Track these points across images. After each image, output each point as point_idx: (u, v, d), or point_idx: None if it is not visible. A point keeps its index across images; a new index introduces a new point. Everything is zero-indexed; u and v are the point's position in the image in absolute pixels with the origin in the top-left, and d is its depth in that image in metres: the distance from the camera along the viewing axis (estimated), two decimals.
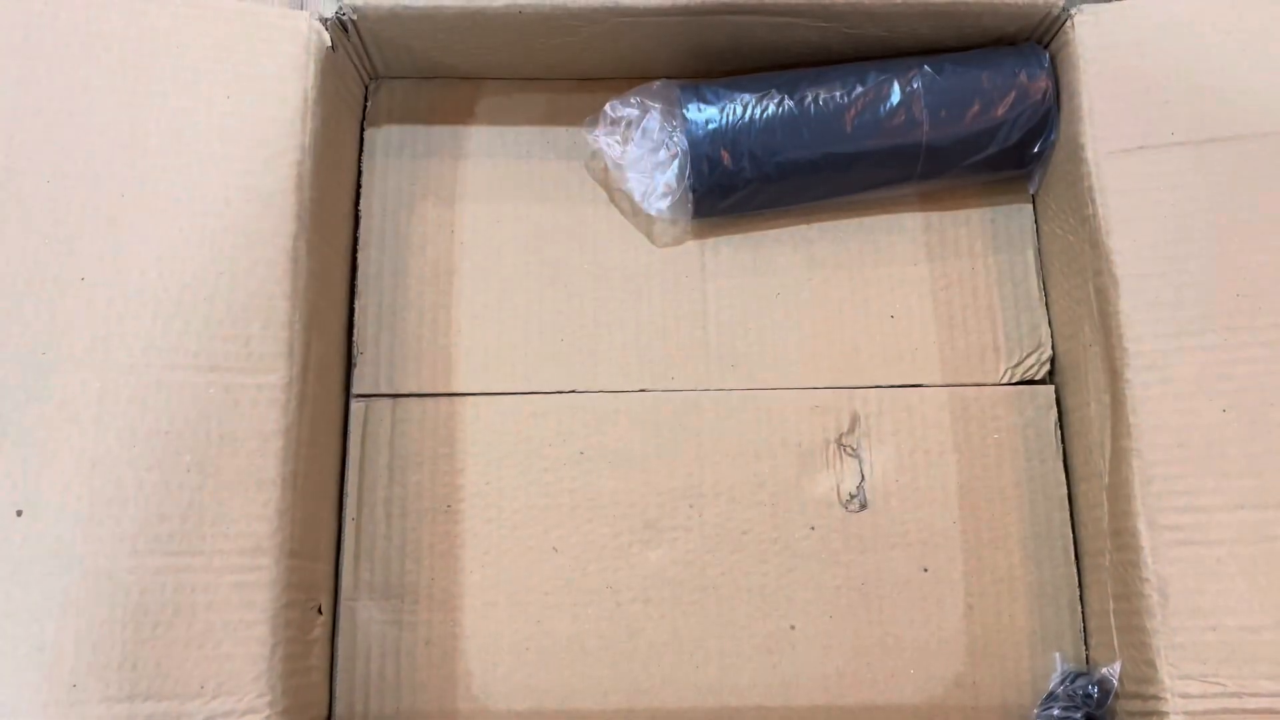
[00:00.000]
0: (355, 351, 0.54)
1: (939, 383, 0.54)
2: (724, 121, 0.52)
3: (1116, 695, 0.47)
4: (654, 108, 0.53)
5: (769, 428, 0.53)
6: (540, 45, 0.55)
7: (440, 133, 0.57)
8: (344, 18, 0.51)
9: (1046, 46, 0.54)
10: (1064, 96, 0.53)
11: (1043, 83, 0.53)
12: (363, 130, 0.57)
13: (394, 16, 0.52)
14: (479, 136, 0.58)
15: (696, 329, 0.55)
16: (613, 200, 0.57)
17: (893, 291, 0.56)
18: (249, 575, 0.43)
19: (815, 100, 0.52)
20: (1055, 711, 0.48)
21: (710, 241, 0.56)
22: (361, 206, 0.56)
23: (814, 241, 0.56)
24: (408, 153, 0.57)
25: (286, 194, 0.47)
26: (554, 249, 0.56)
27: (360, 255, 0.55)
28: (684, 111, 0.52)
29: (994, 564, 0.52)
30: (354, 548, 0.52)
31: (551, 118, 0.58)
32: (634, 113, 0.53)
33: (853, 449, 0.53)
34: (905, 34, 0.54)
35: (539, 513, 0.52)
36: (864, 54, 0.55)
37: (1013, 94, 0.52)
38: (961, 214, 0.57)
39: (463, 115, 0.58)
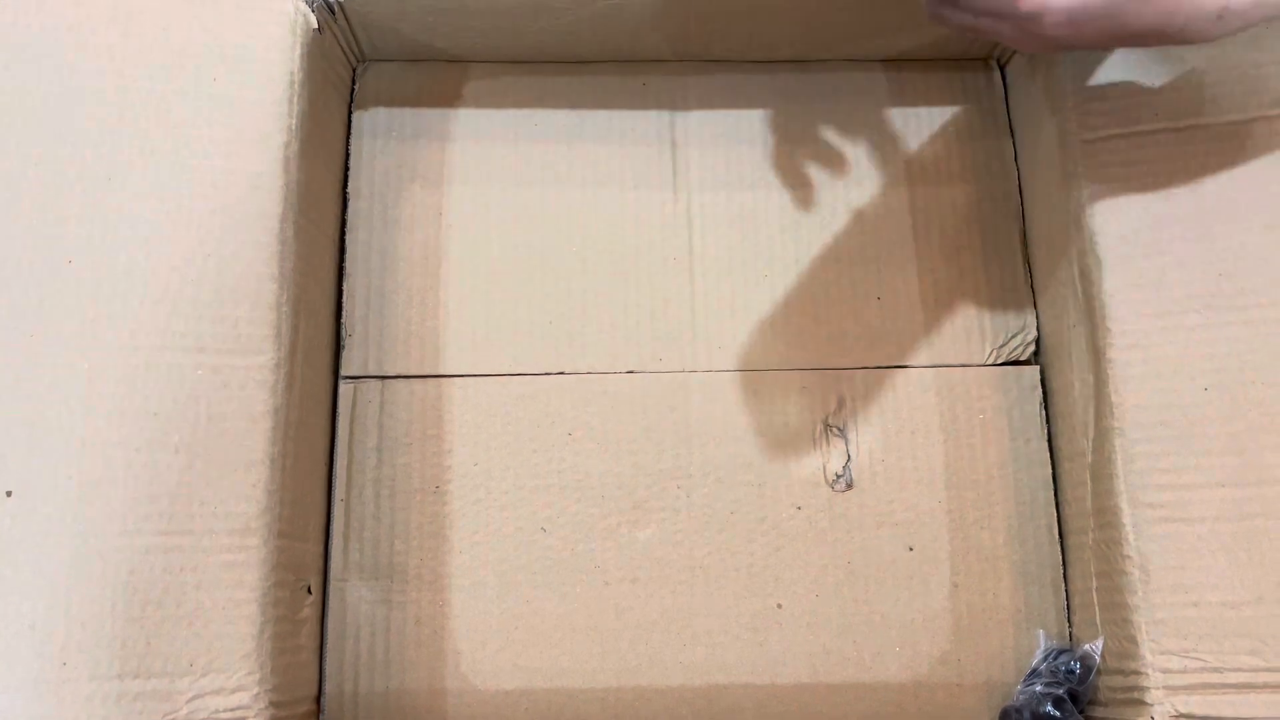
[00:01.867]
0: (343, 333, 0.54)
1: (925, 364, 0.55)
2: None
3: (1099, 671, 0.48)
4: None
5: (756, 409, 0.54)
6: (528, 28, 0.55)
7: (428, 115, 0.57)
8: (330, 0, 0.51)
9: None
10: (1049, 81, 0.53)
11: None
12: (350, 113, 0.57)
13: None
14: (466, 119, 0.58)
15: (684, 311, 0.55)
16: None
17: (879, 274, 0.56)
18: (238, 555, 0.44)
19: None
20: (1038, 688, 0.48)
21: (698, 224, 0.56)
22: (349, 189, 0.56)
23: (801, 224, 0.57)
24: (395, 135, 0.57)
25: (274, 176, 0.47)
26: (541, 231, 0.56)
27: (348, 238, 0.55)
28: None
29: (979, 543, 0.52)
30: (343, 528, 0.52)
31: (539, 101, 0.58)
32: None
33: (839, 429, 0.54)
34: None
35: (527, 493, 0.53)
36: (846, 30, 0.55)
37: None
38: (948, 196, 0.57)
39: (450, 98, 0.58)
